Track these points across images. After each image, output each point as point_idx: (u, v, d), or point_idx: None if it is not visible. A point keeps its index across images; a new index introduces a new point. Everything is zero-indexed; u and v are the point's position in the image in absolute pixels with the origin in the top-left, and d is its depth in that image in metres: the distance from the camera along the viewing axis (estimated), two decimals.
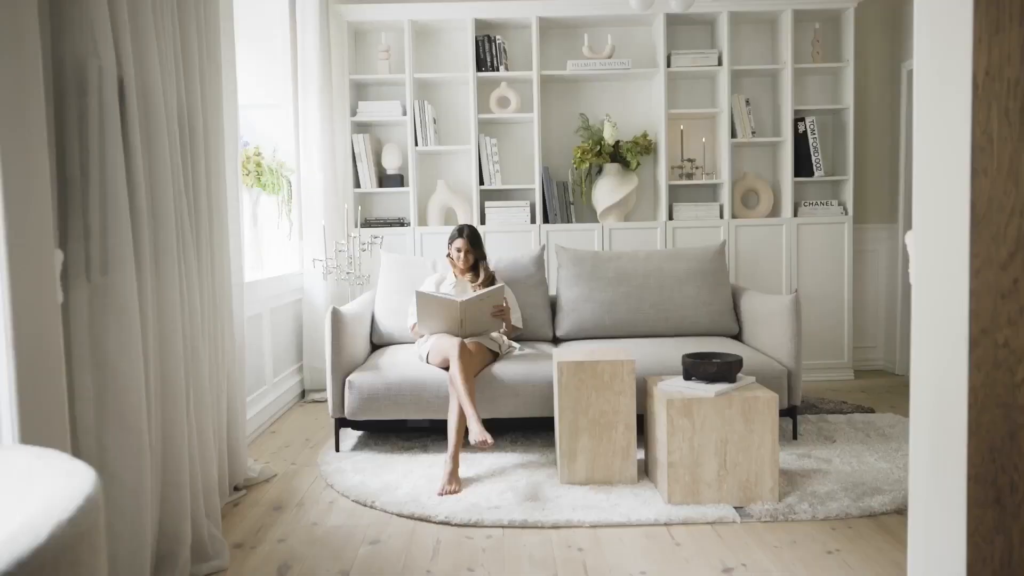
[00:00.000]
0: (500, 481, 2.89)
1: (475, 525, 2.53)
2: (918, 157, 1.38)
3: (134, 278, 1.80)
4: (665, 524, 2.51)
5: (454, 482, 2.81)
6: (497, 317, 3.34)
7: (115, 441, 1.78)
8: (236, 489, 2.87)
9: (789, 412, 3.33)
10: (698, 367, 2.76)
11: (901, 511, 2.57)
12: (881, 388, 4.42)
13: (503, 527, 2.52)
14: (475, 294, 3.27)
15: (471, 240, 3.56)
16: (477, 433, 2.80)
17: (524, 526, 2.51)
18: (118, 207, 1.77)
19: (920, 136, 1.36)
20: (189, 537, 2.13)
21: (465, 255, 3.55)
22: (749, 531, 2.45)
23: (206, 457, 2.38)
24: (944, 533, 1.29)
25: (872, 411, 3.84)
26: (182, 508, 2.10)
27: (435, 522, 2.56)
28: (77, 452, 1.74)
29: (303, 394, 4.47)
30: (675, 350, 3.37)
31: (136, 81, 1.93)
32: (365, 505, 2.73)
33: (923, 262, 1.36)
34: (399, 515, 2.63)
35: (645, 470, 2.99)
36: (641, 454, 3.12)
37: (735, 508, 2.59)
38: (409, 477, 2.96)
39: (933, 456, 1.33)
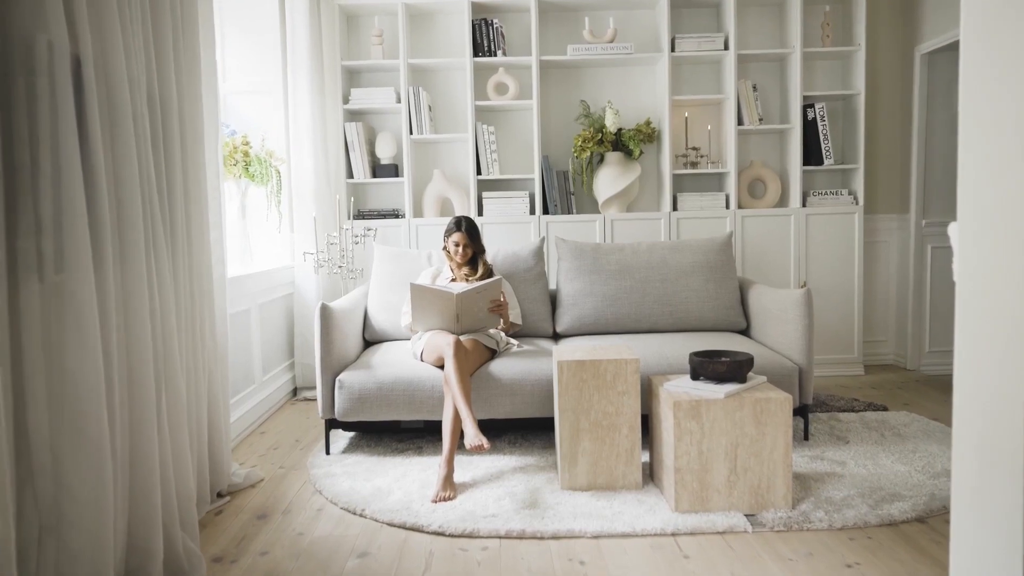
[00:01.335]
0: (497, 486, 2.74)
1: (470, 535, 2.38)
2: (964, 139, 1.21)
3: (92, 276, 1.64)
4: (672, 534, 2.37)
5: (448, 488, 2.66)
6: (495, 312, 3.18)
7: (71, 451, 1.62)
8: (220, 496, 2.73)
9: (800, 411, 3.18)
10: (706, 366, 2.61)
11: (923, 519, 2.42)
12: (893, 384, 4.27)
13: (500, 537, 2.37)
14: (472, 286, 3.11)
15: (469, 233, 3.41)
16: (472, 437, 2.65)
17: (522, 536, 2.36)
18: (73, 199, 1.61)
19: (967, 115, 1.20)
20: (161, 551, 1.98)
21: (463, 249, 3.39)
22: (761, 541, 2.30)
23: (181, 464, 2.23)
24: (997, 564, 1.14)
25: (885, 409, 3.69)
26: (153, 520, 1.95)
27: (428, 532, 2.42)
28: (29, 464, 1.59)
29: (295, 392, 4.32)
30: (681, 347, 3.22)
31: (96, 59, 1.77)
32: (355, 513, 2.58)
33: (971, 256, 1.20)
34: (390, 524, 2.48)
35: (650, 474, 2.84)
36: (646, 457, 2.97)
37: (746, 516, 2.44)
38: (402, 482, 2.81)
39: (982, 475, 1.18)
